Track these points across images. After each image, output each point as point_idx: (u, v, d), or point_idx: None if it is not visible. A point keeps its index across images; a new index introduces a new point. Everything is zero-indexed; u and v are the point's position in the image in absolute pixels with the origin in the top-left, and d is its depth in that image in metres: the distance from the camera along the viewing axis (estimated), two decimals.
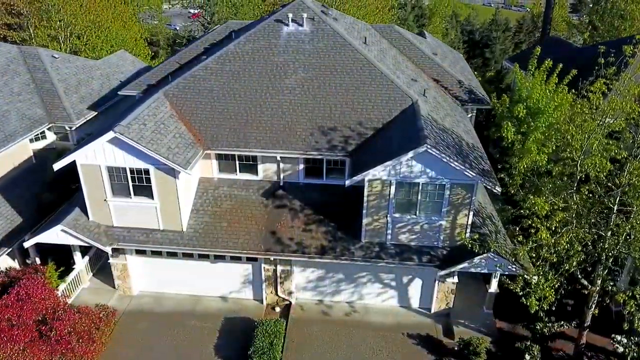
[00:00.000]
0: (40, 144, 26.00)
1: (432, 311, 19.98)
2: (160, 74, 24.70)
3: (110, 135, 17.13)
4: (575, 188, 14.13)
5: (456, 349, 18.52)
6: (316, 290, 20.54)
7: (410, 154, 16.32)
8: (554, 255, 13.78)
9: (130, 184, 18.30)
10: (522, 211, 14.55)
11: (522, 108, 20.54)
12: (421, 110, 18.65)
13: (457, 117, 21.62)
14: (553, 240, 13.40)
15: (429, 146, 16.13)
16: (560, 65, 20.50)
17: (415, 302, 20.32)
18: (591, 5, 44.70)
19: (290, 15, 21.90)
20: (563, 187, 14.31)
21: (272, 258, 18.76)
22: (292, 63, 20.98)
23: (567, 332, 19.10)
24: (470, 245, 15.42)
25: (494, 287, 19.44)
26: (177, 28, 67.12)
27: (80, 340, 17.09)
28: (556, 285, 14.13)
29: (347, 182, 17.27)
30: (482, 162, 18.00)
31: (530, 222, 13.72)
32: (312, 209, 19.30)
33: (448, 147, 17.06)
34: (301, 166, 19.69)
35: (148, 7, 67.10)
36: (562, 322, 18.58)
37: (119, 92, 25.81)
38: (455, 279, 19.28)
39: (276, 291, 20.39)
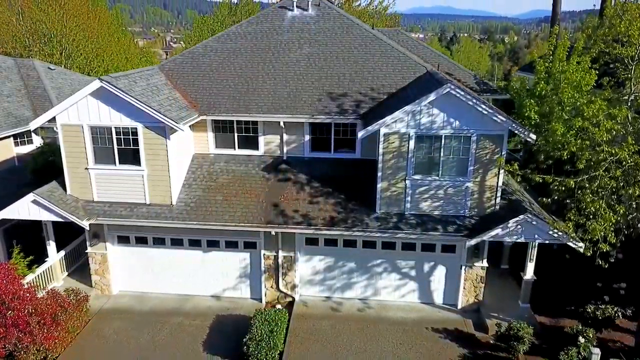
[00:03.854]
0: (25, 149, 24.30)
1: (459, 306, 17.11)
2: None
3: (95, 85, 15.38)
4: (629, 106, 12.16)
5: (492, 342, 15.54)
6: (323, 284, 17.78)
7: (432, 95, 14.46)
8: (612, 180, 11.45)
9: (116, 147, 16.23)
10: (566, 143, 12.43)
11: (543, 85, 19.15)
12: (438, 73, 17.12)
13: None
14: (613, 151, 11.15)
15: (451, 86, 14.36)
16: (583, 35, 19.28)
17: (438, 297, 17.50)
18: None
19: (295, 0, 21.14)
20: (617, 110, 12.21)
21: (273, 232, 16.20)
22: (297, 41, 19.79)
23: (621, 325, 16.22)
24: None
25: (529, 273, 16.71)
26: None
27: (42, 323, 14.19)
28: (620, 211, 11.63)
29: (361, 134, 15.23)
30: (509, 117, 16.13)
31: (583, 125, 11.48)
32: (319, 182, 17.06)
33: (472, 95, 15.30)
34: (307, 137, 17.72)
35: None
36: (616, 307, 15.78)
37: None
38: (485, 263, 16.66)
39: (277, 285, 17.63)
